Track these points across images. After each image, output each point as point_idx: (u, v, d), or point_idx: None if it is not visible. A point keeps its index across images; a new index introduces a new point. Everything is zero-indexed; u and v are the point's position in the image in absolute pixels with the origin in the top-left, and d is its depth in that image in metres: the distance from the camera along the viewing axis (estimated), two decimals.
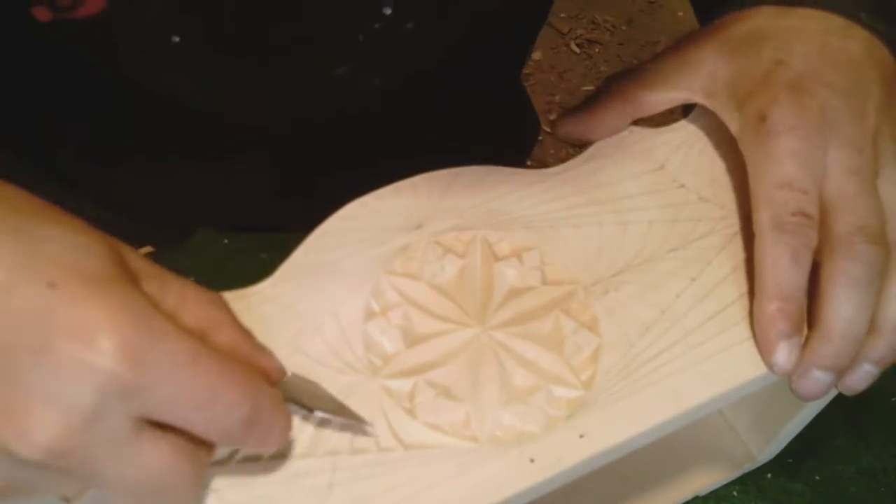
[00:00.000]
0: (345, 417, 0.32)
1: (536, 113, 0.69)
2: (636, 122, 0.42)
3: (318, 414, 0.31)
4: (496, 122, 0.61)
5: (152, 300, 0.27)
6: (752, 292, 0.37)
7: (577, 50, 1.54)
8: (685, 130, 0.42)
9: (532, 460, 0.32)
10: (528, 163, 0.73)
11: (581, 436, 0.33)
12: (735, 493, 0.49)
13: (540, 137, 0.78)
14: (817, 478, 0.49)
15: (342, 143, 0.51)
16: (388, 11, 0.42)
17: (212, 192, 0.52)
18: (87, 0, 0.38)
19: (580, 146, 0.42)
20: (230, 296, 0.35)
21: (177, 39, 0.41)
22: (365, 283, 0.36)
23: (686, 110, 0.43)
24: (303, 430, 0.32)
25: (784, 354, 0.34)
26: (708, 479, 0.49)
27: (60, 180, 0.52)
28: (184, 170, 0.51)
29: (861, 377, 0.36)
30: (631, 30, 1.59)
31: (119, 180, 0.53)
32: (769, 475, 0.49)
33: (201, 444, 0.28)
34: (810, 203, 0.35)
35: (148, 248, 0.47)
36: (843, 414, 0.52)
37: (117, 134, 0.50)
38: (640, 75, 0.40)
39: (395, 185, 0.39)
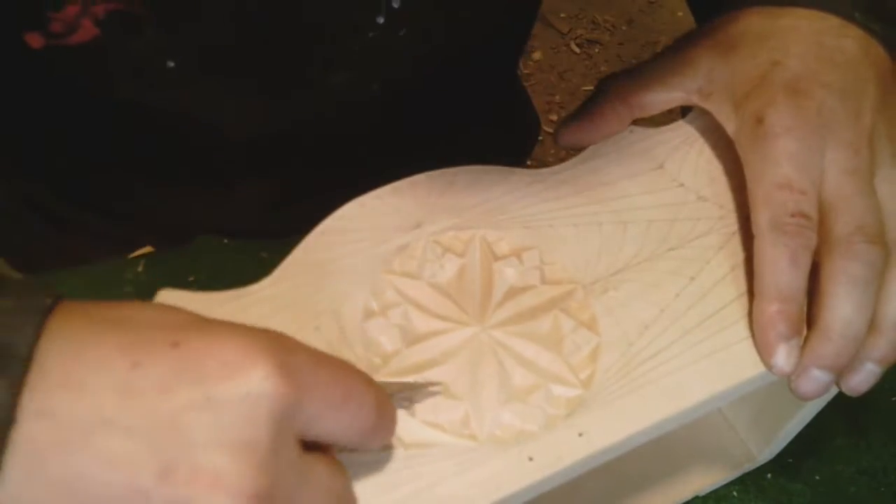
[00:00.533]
0: (413, 390, 0.32)
1: (537, 113, 0.69)
2: (635, 122, 0.42)
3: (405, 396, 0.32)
4: (496, 122, 0.61)
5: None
6: (751, 291, 0.37)
7: (577, 50, 1.54)
8: (684, 130, 0.42)
9: (531, 459, 0.32)
10: (529, 163, 0.73)
11: (580, 434, 0.33)
12: (735, 494, 0.49)
13: (540, 137, 0.78)
14: (817, 478, 0.49)
15: (342, 148, 0.51)
16: (381, 20, 0.42)
17: (211, 203, 0.52)
18: (80, 27, 0.38)
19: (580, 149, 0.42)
20: (229, 295, 0.35)
21: (172, 64, 0.41)
22: (364, 283, 0.36)
23: (685, 110, 0.43)
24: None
25: (783, 356, 0.34)
26: (708, 480, 0.49)
27: (60, 193, 0.52)
28: (183, 180, 0.51)
29: (865, 377, 0.36)
30: (631, 30, 1.59)
31: (119, 194, 0.53)
32: (769, 475, 0.49)
33: (332, 455, 0.28)
34: (809, 204, 0.35)
35: (148, 248, 0.47)
36: (843, 414, 0.52)
37: (114, 150, 0.50)
38: (636, 76, 0.40)
39: (394, 185, 0.39)
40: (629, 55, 1.57)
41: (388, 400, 0.29)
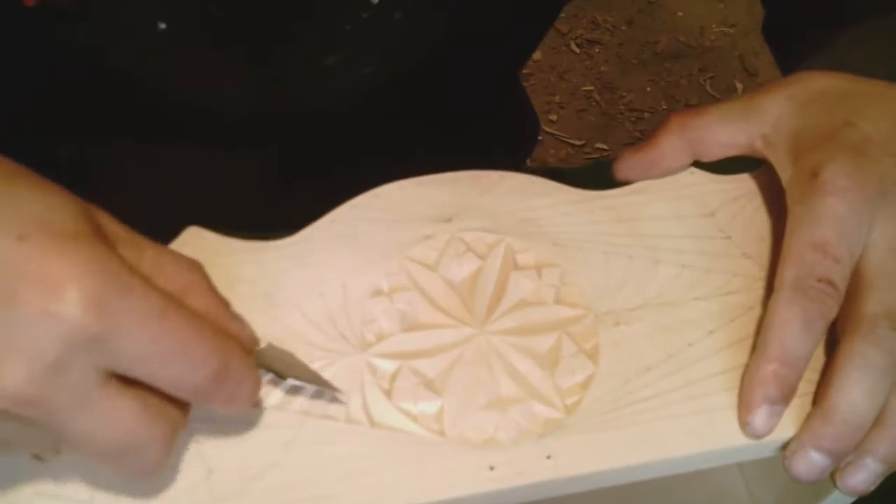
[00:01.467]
0: (318, 385, 0.32)
1: (536, 113, 0.67)
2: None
3: (291, 381, 0.32)
4: (494, 121, 0.60)
5: (126, 262, 0.27)
6: None
7: (577, 50, 1.53)
8: (746, 184, 0.41)
9: (492, 468, 0.32)
10: (529, 163, 0.71)
11: (548, 457, 0.33)
12: None
13: (539, 138, 0.77)
14: None
15: (333, 136, 0.50)
16: (375, 0, 0.42)
17: (205, 187, 0.51)
18: None
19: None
20: (250, 245, 0.36)
21: (163, 26, 0.41)
22: (381, 262, 0.37)
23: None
24: (280, 386, 0.33)
25: (763, 418, 0.32)
26: None
27: (59, 174, 0.52)
28: (177, 163, 0.51)
29: (865, 476, 0.33)
30: (631, 30, 1.57)
31: (116, 177, 0.52)
32: None
33: (173, 403, 0.28)
34: (839, 273, 0.33)
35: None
36: None
37: (110, 127, 0.49)
38: (701, 113, 0.39)
39: (439, 176, 0.40)
40: (629, 55, 1.55)
41: (242, 373, 0.28)
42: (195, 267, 0.30)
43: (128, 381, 0.27)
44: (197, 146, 0.49)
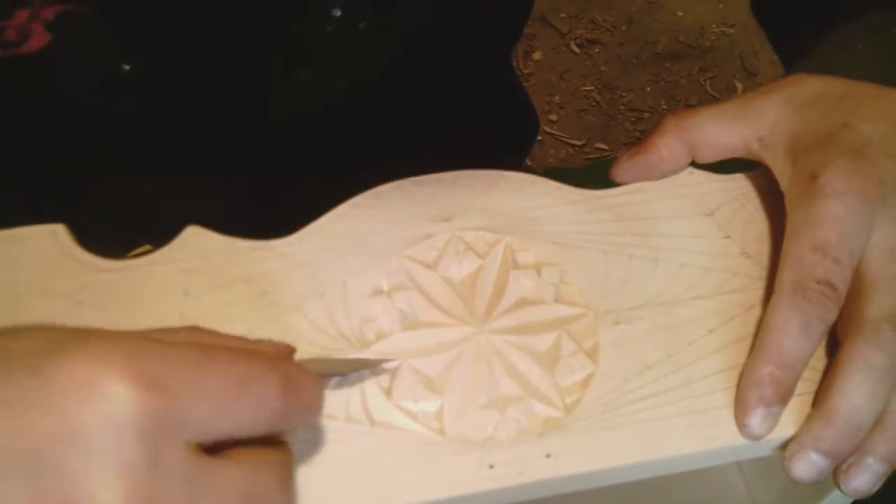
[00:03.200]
0: (359, 369, 0.33)
1: (536, 111, 0.66)
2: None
3: (335, 379, 0.33)
4: (489, 119, 0.60)
5: (132, 333, 0.26)
6: None
7: (577, 50, 1.54)
8: (745, 183, 0.41)
9: (491, 466, 0.32)
10: (528, 163, 0.70)
11: (547, 455, 0.33)
12: None
13: (539, 138, 0.77)
14: None
15: (315, 149, 0.49)
16: (337, 13, 0.41)
17: (186, 210, 0.48)
18: (33, 33, 0.38)
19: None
20: (250, 244, 0.36)
21: (127, 67, 0.41)
22: (380, 262, 0.37)
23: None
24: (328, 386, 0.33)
25: (758, 420, 0.32)
26: None
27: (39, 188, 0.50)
28: (152, 187, 0.50)
29: (868, 477, 0.33)
30: (631, 30, 1.58)
31: (92, 201, 0.51)
32: None
33: (268, 447, 0.27)
34: (839, 275, 0.33)
35: (147, 248, 0.47)
36: None
37: (88, 163, 0.47)
38: (698, 114, 0.39)
39: (438, 175, 0.40)
40: (629, 55, 1.56)
41: (301, 376, 0.28)
42: (189, 327, 0.29)
43: (217, 452, 0.26)
44: (169, 168, 0.48)
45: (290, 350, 0.31)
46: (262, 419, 0.26)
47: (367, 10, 0.43)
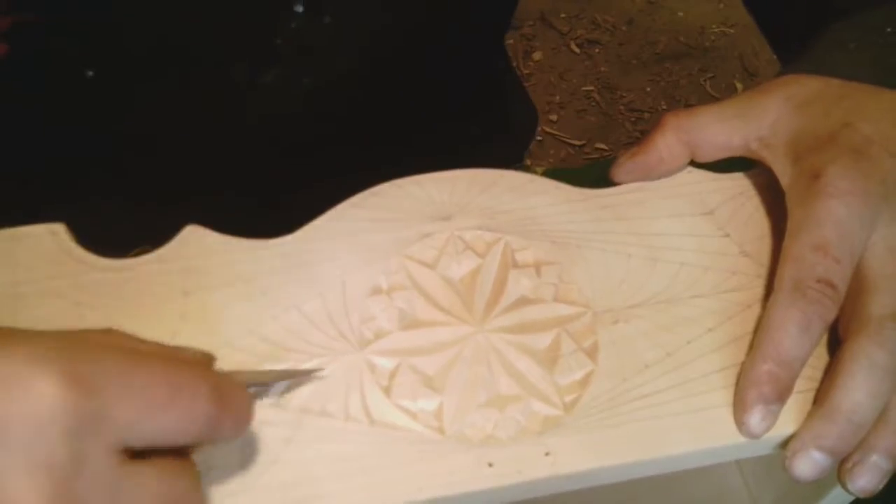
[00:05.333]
0: (293, 377, 0.33)
1: (535, 108, 0.66)
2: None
3: (273, 386, 0.32)
4: (486, 112, 0.59)
5: (70, 333, 0.25)
6: None
7: (577, 50, 1.55)
8: (744, 182, 0.41)
9: (491, 465, 0.32)
10: (528, 163, 0.70)
11: (547, 454, 0.33)
12: None
13: (539, 137, 0.77)
14: None
15: (301, 150, 0.48)
16: (300, 9, 0.41)
17: (184, 211, 0.50)
18: None
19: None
20: (249, 243, 0.36)
21: (91, 73, 0.40)
22: (379, 261, 0.37)
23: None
24: (279, 383, 0.33)
25: (757, 418, 0.32)
26: None
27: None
28: (129, 199, 0.49)
29: (873, 474, 0.33)
30: (631, 30, 1.59)
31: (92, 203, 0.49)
32: None
33: (184, 456, 0.27)
34: (839, 274, 0.33)
35: (147, 248, 0.47)
36: None
37: (59, 179, 0.47)
38: (697, 113, 0.39)
39: (437, 174, 0.40)
40: (629, 55, 1.57)
41: (233, 388, 0.27)
42: (110, 329, 0.29)
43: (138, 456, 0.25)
44: (145, 179, 0.47)
45: (211, 359, 0.30)
46: (193, 428, 0.26)
47: (330, 3, 0.42)
